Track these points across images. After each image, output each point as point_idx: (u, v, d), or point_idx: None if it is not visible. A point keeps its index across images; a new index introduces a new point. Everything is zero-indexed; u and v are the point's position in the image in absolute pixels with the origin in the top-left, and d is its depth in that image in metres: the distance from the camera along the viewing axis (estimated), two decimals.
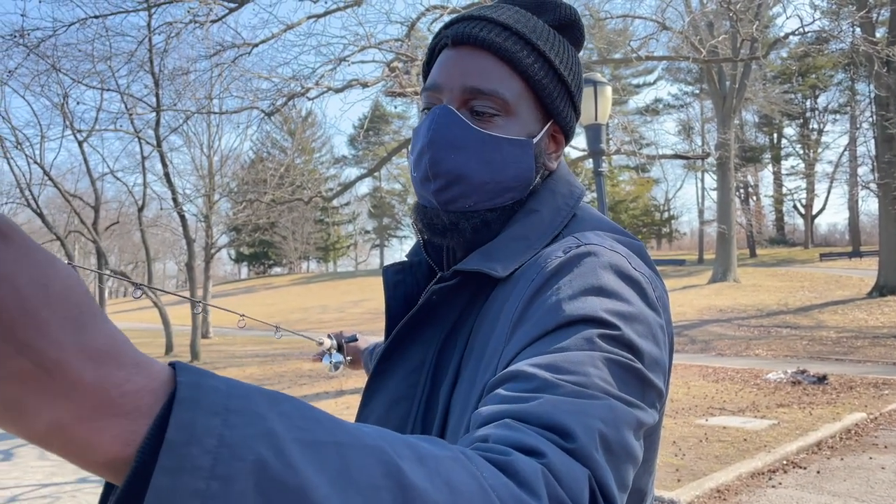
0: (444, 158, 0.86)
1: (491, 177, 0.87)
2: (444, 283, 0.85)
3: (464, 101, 0.88)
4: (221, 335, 25.26)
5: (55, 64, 14.48)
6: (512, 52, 0.87)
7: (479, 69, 0.87)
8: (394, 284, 1.02)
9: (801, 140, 53.98)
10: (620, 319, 0.68)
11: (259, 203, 21.20)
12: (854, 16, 15.35)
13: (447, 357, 0.85)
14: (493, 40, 0.86)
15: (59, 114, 18.44)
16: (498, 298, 0.82)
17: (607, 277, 0.73)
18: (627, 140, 16.46)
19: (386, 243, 75.15)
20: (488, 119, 0.87)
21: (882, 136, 22.74)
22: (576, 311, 0.68)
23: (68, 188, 23.69)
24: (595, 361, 0.64)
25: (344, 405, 9.96)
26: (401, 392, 0.87)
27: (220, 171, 23.10)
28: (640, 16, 13.79)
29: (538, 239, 0.86)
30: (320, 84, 11.50)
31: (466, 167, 0.86)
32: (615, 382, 0.63)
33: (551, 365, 0.63)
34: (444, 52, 0.91)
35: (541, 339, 0.69)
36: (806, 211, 56.84)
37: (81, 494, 6.27)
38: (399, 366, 0.88)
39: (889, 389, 9.43)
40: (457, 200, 0.88)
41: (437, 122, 0.87)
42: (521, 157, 0.89)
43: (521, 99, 0.88)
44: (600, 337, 0.66)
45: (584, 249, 0.76)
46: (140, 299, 46.57)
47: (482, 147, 0.86)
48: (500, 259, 0.83)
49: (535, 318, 0.71)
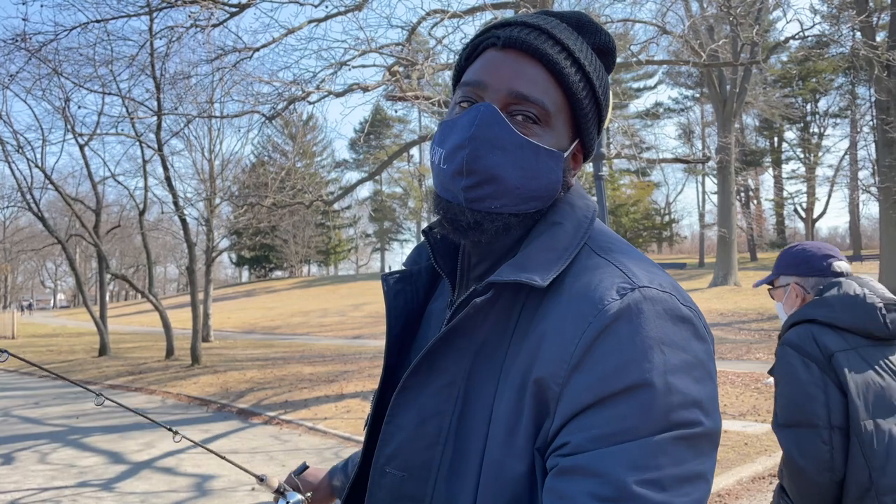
0: (484, 156, 0.86)
1: (523, 182, 0.88)
2: (479, 296, 0.84)
3: (507, 103, 0.88)
4: (222, 339, 25.24)
5: (56, 68, 14.50)
6: (561, 66, 0.88)
7: (529, 76, 0.88)
8: (394, 294, 1.02)
9: (802, 144, 53.99)
10: (684, 375, 0.75)
11: (260, 207, 21.18)
12: (854, 20, 15.36)
13: (481, 373, 0.84)
14: (545, 51, 0.88)
15: (60, 118, 18.48)
16: (539, 314, 0.82)
17: (665, 328, 0.76)
18: (628, 144, 16.48)
19: (387, 247, 75.15)
20: (528, 125, 0.88)
21: (882, 139, 22.73)
22: (641, 376, 0.74)
23: (69, 192, 23.72)
24: (665, 448, 0.72)
25: (344, 409, 9.95)
26: (432, 409, 0.85)
27: (222, 175, 23.08)
28: (640, 20, 13.79)
29: (565, 250, 0.86)
30: (321, 88, 11.51)
31: (502, 168, 0.86)
32: (686, 461, 0.73)
33: (625, 460, 0.71)
34: (491, 52, 0.91)
35: (607, 402, 0.74)
36: (807, 214, 56.79)
37: (82, 499, 6.27)
38: (430, 381, 0.86)
39: None
40: (485, 200, 0.88)
41: (483, 118, 0.87)
42: (553, 169, 0.89)
43: (560, 112, 0.90)
44: (667, 408, 0.73)
45: (638, 296, 0.77)
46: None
47: (520, 152, 0.87)
48: (535, 270, 0.83)
49: (598, 371, 0.75)
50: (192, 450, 8.15)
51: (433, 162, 0.94)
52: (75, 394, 13.53)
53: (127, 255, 60.72)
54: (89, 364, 18.62)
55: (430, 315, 1.03)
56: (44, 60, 14.24)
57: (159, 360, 18.51)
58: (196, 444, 1.69)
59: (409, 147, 21.37)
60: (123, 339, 26.91)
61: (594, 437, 0.73)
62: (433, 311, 1.03)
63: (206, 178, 22.49)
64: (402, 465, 0.86)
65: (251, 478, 1.62)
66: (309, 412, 9.93)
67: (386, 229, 72.56)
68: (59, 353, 22.79)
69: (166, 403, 11.86)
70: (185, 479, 6.86)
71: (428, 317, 1.03)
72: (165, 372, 15.86)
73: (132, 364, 17.78)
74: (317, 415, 9.69)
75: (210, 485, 6.63)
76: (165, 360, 18.38)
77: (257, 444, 8.35)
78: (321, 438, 8.54)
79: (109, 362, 18.64)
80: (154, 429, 9.53)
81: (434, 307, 1.04)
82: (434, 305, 1.04)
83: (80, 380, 15.63)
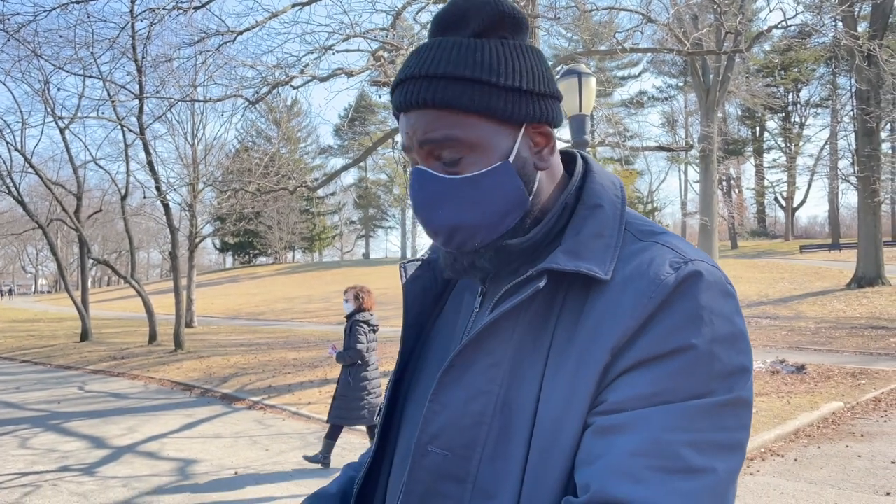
0: (433, 217, 0.90)
1: (482, 214, 0.89)
2: (531, 281, 0.85)
3: (428, 154, 0.90)
4: (206, 324, 25.16)
5: (36, 50, 14.30)
6: (451, 100, 0.86)
7: (427, 123, 0.88)
8: (412, 279, 1.05)
9: (783, 133, 54.42)
10: (729, 346, 0.78)
11: (244, 192, 21.05)
12: (836, 10, 15.46)
13: (526, 355, 0.85)
14: (430, 98, 0.87)
15: (40, 100, 18.26)
16: (592, 296, 0.83)
17: (716, 300, 0.79)
18: (612, 132, 16.54)
19: (371, 233, 75.01)
20: (459, 162, 0.88)
21: (862, 129, 23.00)
22: (687, 340, 0.76)
23: (50, 176, 23.41)
24: (707, 412, 0.75)
25: (328, 394, 9.97)
26: (479, 387, 0.86)
27: (205, 160, 22.88)
28: (625, 8, 13.79)
29: (611, 236, 0.88)
30: (305, 73, 11.43)
31: (456, 217, 0.89)
32: (727, 428, 0.76)
33: (667, 421, 0.74)
34: (401, 117, 0.93)
35: (651, 363, 0.76)
36: (787, 203, 57.37)
37: (63, 483, 6.26)
38: (476, 360, 0.86)
39: (866, 379, 9.60)
40: (465, 243, 0.91)
41: (415, 185, 0.91)
42: (504, 182, 0.89)
43: (481, 130, 0.88)
44: (710, 374, 0.76)
45: (692, 268, 0.80)
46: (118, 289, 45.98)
47: (461, 192, 0.88)
48: (592, 259, 0.84)
49: (648, 337, 0.77)
50: (174, 434, 8.15)
51: None
52: (57, 379, 13.45)
53: (109, 241, 60.21)
54: (71, 349, 18.49)
55: (458, 302, 1.04)
56: (23, 42, 14.04)
57: (142, 345, 18.42)
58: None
59: (394, 134, 21.21)
60: (106, 324, 26.72)
61: (635, 396, 0.75)
62: (461, 299, 1.04)
63: (189, 162, 22.31)
64: (445, 444, 0.86)
65: (233, 461, 1.63)
66: (293, 397, 9.95)
67: (371, 216, 72.37)
68: (41, 338, 22.59)
69: (149, 389, 11.82)
70: (167, 464, 6.86)
71: (455, 304, 1.05)
72: (148, 357, 15.79)
73: (114, 349, 17.68)
74: (300, 400, 9.72)
75: (193, 469, 6.64)
76: (148, 345, 18.29)
77: (240, 428, 8.36)
78: (305, 423, 8.56)
79: (91, 347, 18.52)
80: (136, 413, 9.51)
81: (461, 295, 1.05)
82: (460, 293, 1.05)
83: (61, 365, 15.54)
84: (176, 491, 5.95)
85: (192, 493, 5.87)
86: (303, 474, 6.36)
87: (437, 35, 0.93)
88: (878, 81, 19.94)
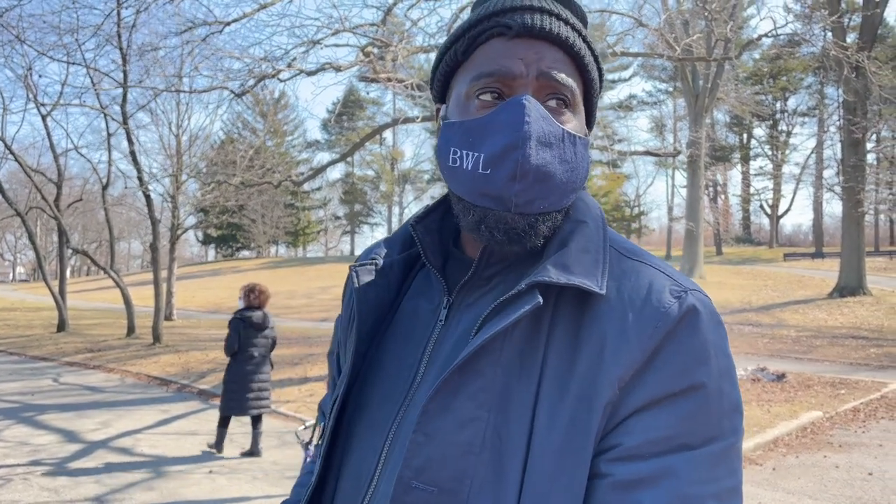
0: (537, 155, 0.80)
1: (567, 177, 0.83)
2: (523, 297, 0.78)
3: (539, 89, 0.83)
4: (185, 318, 24.91)
5: (20, 35, 14.07)
6: (579, 48, 0.85)
7: (555, 59, 0.83)
8: (365, 286, 0.95)
9: (770, 141, 54.90)
10: (728, 379, 0.77)
11: (228, 185, 20.88)
12: (826, 20, 15.56)
13: (515, 377, 0.79)
14: (563, 34, 0.83)
15: (22, 86, 17.97)
16: (587, 318, 0.78)
17: (716, 333, 0.79)
18: (601, 135, 16.55)
19: (357, 230, 74.80)
20: (561, 112, 0.84)
21: (848, 140, 23.17)
22: (699, 379, 0.75)
23: (30, 163, 23.12)
24: (722, 457, 0.74)
25: (308, 392, 9.88)
26: (468, 414, 0.78)
27: (189, 151, 22.62)
28: (617, 11, 13.81)
29: (597, 252, 0.83)
30: (293, 66, 11.32)
31: (552, 166, 0.81)
32: (736, 471, 0.76)
33: (692, 472, 0.72)
34: (501, 42, 0.84)
35: (665, 402, 0.74)
36: (772, 211, 57.89)
37: (33, 477, 6.13)
38: (466, 385, 0.79)
39: (845, 389, 9.64)
40: (535, 201, 0.81)
41: (533, 113, 0.80)
42: (586, 157, 0.86)
43: (579, 96, 0.87)
44: (720, 412, 0.75)
45: (693, 300, 0.78)
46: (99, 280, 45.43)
47: (563, 145, 0.82)
48: (583, 274, 0.79)
49: (659, 373, 0.75)
50: (148, 430, 8.02)
51: (459, 167, 0.85)
52: (31, 370, 13.24)
53: (89, 230, 59.57)
54: (47, 340, 18.24)
55: (412, 312, 0.95)
56: (6, 27, 13.82)
57: (120, 337, 18.20)
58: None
59: (382, 129, 21.18)
60: (84, 315, 26.40)
61: (653, 440, 0.72)
62: (416, 309, 0.95)
63: (172, 153, 22.08)
64: (431, 479, 0.78)
65: (208, 459, 1.55)
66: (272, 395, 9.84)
67: (356, 212, 72.17)
68: (17, 327, 22.28)
69: (125, 382, 11.65)
70: (141, 460, 6.74)
71: (409, 314, 0.96)
72: (125, 350, 15.59)
73: (91, 341, 17.45)
74: (279, 398, 9.60)
75: (167, 466, 6.53)
76: (126, 338, 18.07)
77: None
78: (283, 422, 8.46)
79: (68, 339, 18.27)
80: (111, 408, 9.36)
81: (415, 304, 0.96)
82: (414, 302, 0.96)
83: (36, 356, 15.31)
84: (148, 489, 5.84)
85: (164, 491, 5.76)
86: (279, 474, 6.27)
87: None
88: (865, 93, 20.10)
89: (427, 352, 0.89)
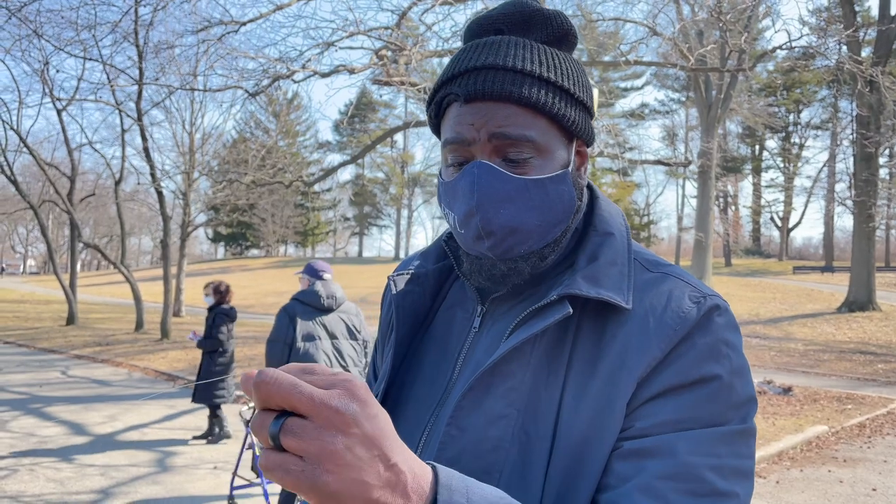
0: (495, 216, 0.85)
1: (541, 219, 0.87)
2: (554, 306, 0.83)
3: (496, 150, 0.86)
4: (194, 314, 25.01)
5: (37, 29, 14.20)
6: (529, 97, 0.84)
7: (504, 118, 0.84)
8: (403, 294, 1.00)
9: (782, 153, 54.65)
10: (741, 377, 0.82)
11: (239, 183, 20.97)
12: (841, 34, 15.51)
13: (542, 379, 0.84)
14: (509, 91, 0.84)
15: (38, 80, 18.09)
16: (612, 324, 0.84)
17: (731, 334, 0.84)
18: (612, 143, 16.54)
19: (366, 231, 74.96)
20: (525, 164, 0.86)
21: (861, 154, 23.07)
22: (710, 371, 0.79)
23: (45, 157, 23.27)
24: (727, 440, 0.78)
25: None
26: (498, 411, 0.84)
27: (201, 149, 22.74)
28: (631, 20, 13.80)
29: (624, 264, 0.88)
30: (307, 67, 11.38)
31: (517, 219, 0.86)
32: (742, 455, 0.78)
33: (692, 446, 0.76)
34: (458, 107, 0.87)
35: (676, 391, 0.79)
36: (782, 223, 57.60)
37: (40, 468, 6.18)
38: (497, 384, 0.84)
39: (852, 404, 9.59)
40: (512, 249, 0.87)
41: (480, 180, 0.84)
42: (564, 191, 0.88)
43: (548, 134, 0.87)
44: (729, 403, 0.79)
45: (711, 304, 0.83)
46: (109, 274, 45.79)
47: (528, 194, 0.85)
48: (611, 287, 0.84)
49: (673, 368, 0.80)
50: (155, 424, 8.07)
51: (448, 220, 0.93)
52: (40, 362, 13.34)
53: (101, 225, 59.88)
54: (56, 333, 18.36)
55: (449, 320, 1.00)
56: (24, 21, 13.95)
57: (128, 332, 18.30)
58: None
59: (393, 132, 21.20)
60: (93, 309, 26.56)
61: (661, 423, 0.77)
62: (453, 317, 1.00)
63: (185, 151, 22.20)
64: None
65: (213, 455, 1.59)
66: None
67: (366, 214, 72.31)
68: (27, 319, 22.44)
69: (132, 377, 11.72)
70: (147, 454, 6.79)
71: (446, 322, 1.01)
72: (133, 345, 15.68)
73: (100, 335, 17.55)
74: None
75: (172, 461, 6.57)
76: (134, 332, 18.17)
77: None
78: None
79: (77, 332, 18.38)
80: (118, 401, 9.42)
81: (451, 314, 1.01)
82: (450, 312, 1.01)
83: (45, 348, 15.41)
84: (153, 482, 5.88)
85: (169, 486, 5.80)
86: None
87: (490, 35, 0.91)
88: (878, 107, 19.99)
89: (461, 356, 0.94)
